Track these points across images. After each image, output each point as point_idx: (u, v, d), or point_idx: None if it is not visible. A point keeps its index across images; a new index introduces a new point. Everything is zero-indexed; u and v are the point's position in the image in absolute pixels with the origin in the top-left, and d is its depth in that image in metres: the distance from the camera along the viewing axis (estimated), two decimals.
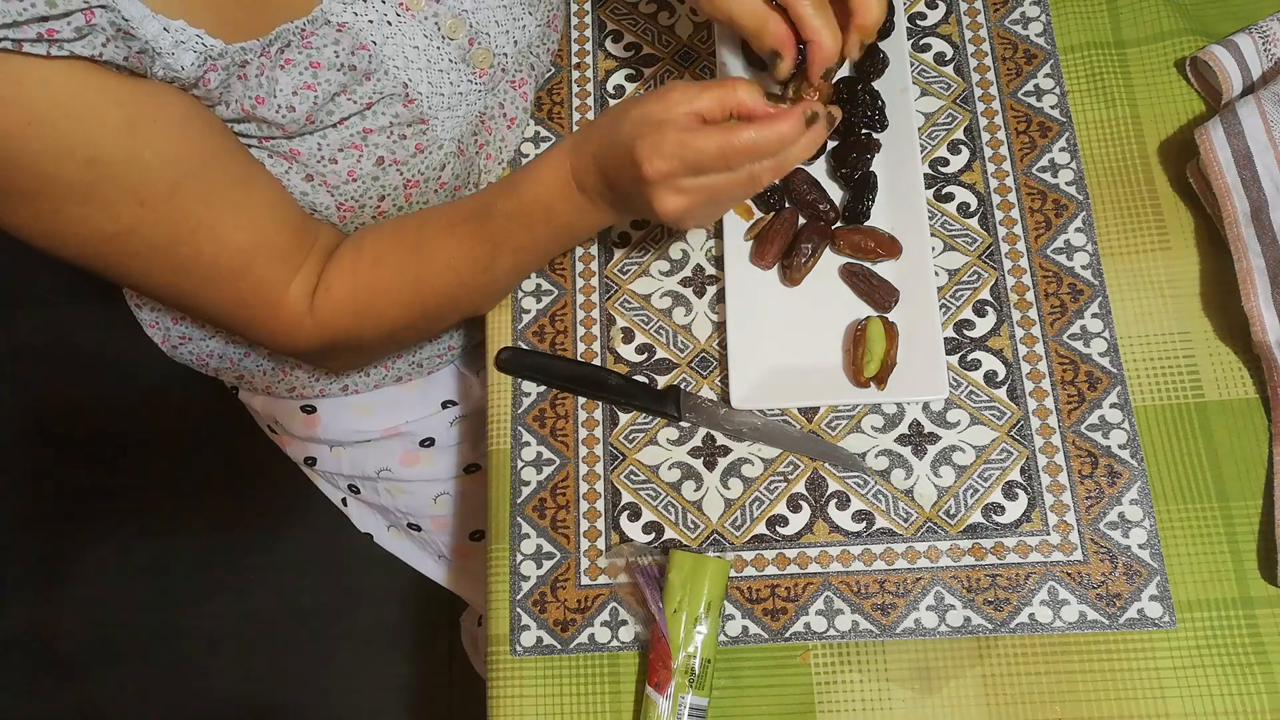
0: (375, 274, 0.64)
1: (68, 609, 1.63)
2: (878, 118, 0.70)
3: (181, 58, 0.52)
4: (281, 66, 0.57)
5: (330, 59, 0.58)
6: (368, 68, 0.60)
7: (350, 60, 0.59)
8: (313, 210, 0.64)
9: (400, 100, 0.63)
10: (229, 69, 0.54)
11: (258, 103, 0.56)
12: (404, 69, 0.62)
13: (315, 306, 0.64)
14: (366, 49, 0.60)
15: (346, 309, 0.64)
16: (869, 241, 0.67)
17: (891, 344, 0.63)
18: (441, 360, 0.91)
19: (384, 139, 0.63)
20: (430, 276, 0.64)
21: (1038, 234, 0.68)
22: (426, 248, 0.64)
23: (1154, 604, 0.59)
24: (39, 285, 1.79)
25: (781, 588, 0.63)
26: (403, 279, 0.64)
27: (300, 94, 0.57)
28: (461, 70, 0.66)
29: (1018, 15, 0.73)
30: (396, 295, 0.65)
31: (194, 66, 0.52)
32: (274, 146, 0.60)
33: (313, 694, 1.54)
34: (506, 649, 0.64)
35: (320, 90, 0.58)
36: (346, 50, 0.59)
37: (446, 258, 0.63)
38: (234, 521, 1.65)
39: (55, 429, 1.74)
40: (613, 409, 0.68)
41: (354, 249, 0.65)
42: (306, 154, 0.61)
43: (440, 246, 0.63)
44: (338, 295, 0.64)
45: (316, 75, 0.58)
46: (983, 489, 0.63)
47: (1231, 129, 0.64)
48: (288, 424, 0.91)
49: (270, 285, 0.62)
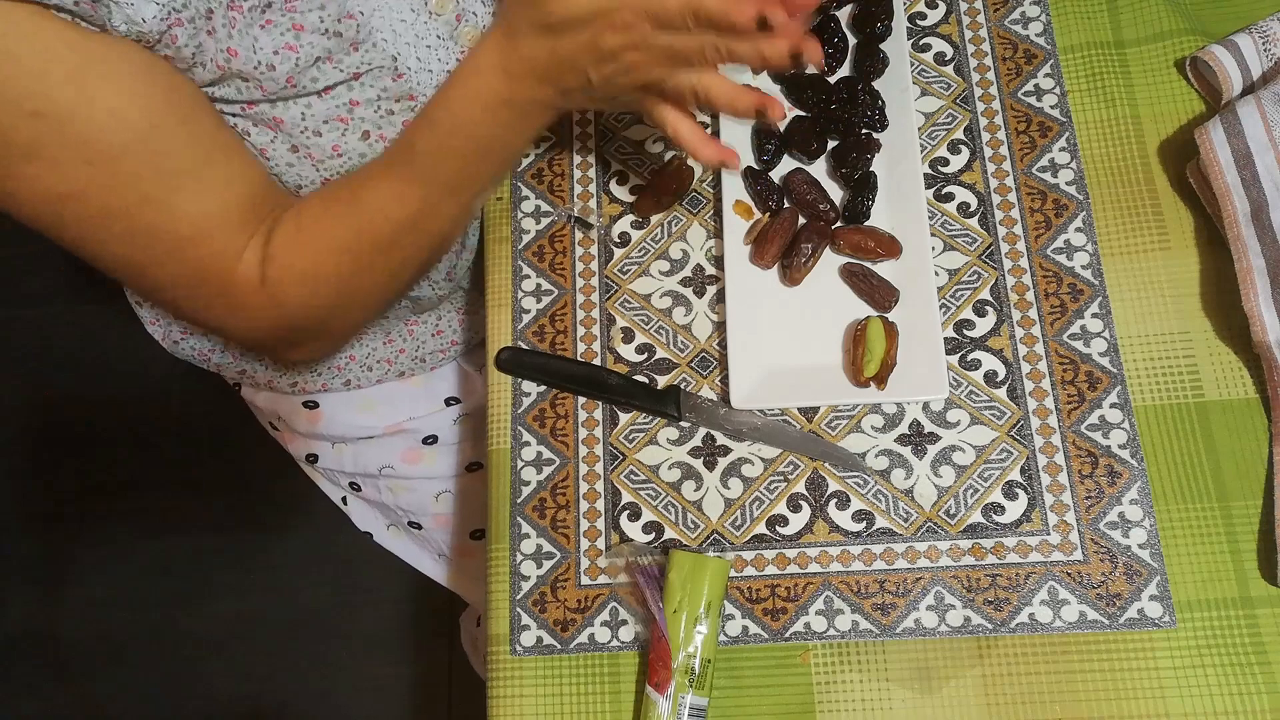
0: (316, 233, 0.61)
1: (68, 609, 1.63)
2: (878, 118, 0.70)
3: (142, 8, 0.50)
4: (261, 26, 0.56)
5: (314, 23, 0.57)
6: (355, 37, 0.59)
7: (336, 27, 0.58)
8: (298, 187, 0.64)
9: (390, 74, 0.62)
10: (195, 20, 0.53)
11: (231, 55, 0.55)
12: (392, 41, 0.62)
13: (266, 278, 0.61)
14: (354, 18, 0.59)
15: (294, 274, 0.61)
16: (869, 241, 0.67)
17: (891, 344, 0.63)
18: (444, 356, 0.91)
19: (370, 113, 0.62)
20: (369, 227, 0.61)
21: (1038, 234, 0.68)
22: (360, 199, 0.61)
23: (1154, 604, 0.59)
24: (38, 284, 1.79)
25: (781, 588, 0.63)
26: (343, 234, 0.61)
27: (282, 54, 0.57)
28: (450, 47, 0.66)
29: (1018, 15, 0.73)
30: (341, 252, 0.62)
31: (156, 20, 0.51)
32: (258, 114, 0.59)
33: (313, 694, 1.54)
34: (506, 649, 0.64)
35: (303, 53, 0.57)
36: (332, 17, 0.58)
37: (380, 205, 0.61)
38: (234, 521, 1.65)
39: (55, 429, 1.74)
40: (613, 409, 0.68)
41: (294, 215, 0.62)
42: (290, 123, 0.60)
43: (372, 196, 0.61)
44: (283, 262, 0.61)
45: (299, 38, 0.57)
46: (983, 489, 0.63)
47: (1231, 129, 0.64)
48: (290, 420, 0.91)
49: (223, 255, 0.59)
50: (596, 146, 0.75)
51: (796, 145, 0.70)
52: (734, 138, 0.71)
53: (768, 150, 0.70)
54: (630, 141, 0.74)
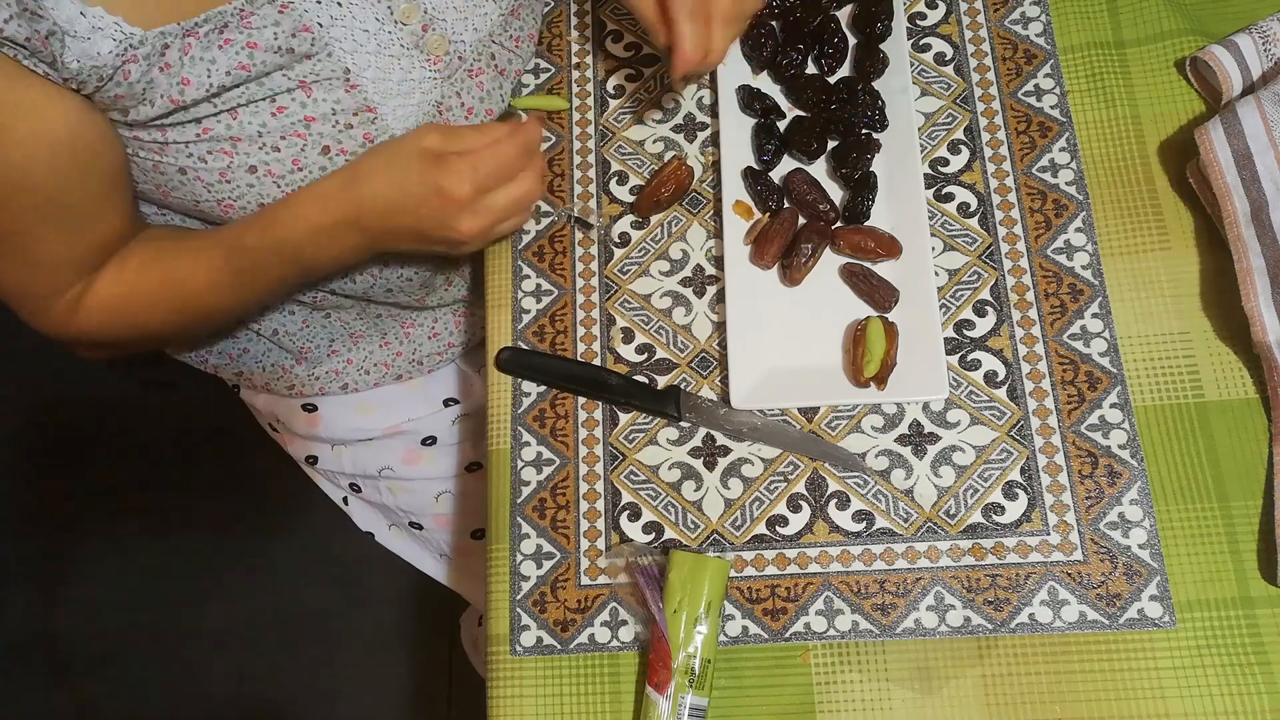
0: (135, 282, 0.66)
1: (68, 609, 1.63)
2: (878, 118, 0.70)
3: (99, 44, 0.51)
4: (220, 46, 0.56)
5: (268, 40, 0.57)
6: (308, 49, 0.59)
7: (290, 43, 0.58)
8: (260, 200, 0.64)
9: (341, 85, 0.62)
10: (149, 58, 0.54)
11: (185, 84, 0.56)
12: (352, 53, 0.61)
13: (80, 305, 0.65)
14: (310, 30, 0.59)
15: (104, 310, 0.66)
16: (869, 241, 0.67)
17: (891, 344, 0.63)
18: (442, 359, 0.91)
19: (328, 128, 0.62)
20: (182, 294, 0.67)
21: (1038, 234, 0.68)
22: (180, 267, 0.66)
23: (1154, 604, 0.59)
24: None
25: (781, 588, 0.63)
26: (158, 292, 0.66)
27: (234, 73, 0.57)
28: (415, 57, 0.65)
29: (1018, 15, 0.73)
30: (151, 306, 0.67)
31: (112, 55, 0.52)
32: (213, 140, 0.60)
33: (313, 694, 1.54)
34: (506, 649, 0.64)
35: (254, 70, 0.58)
36: (286, 32, 0.58)
37: (196, 280, 0.66)
38: (234, 521, 1.65)
39: (55, 430, 1.74)
40: (613, 409, 0.68)
41: (120, 259, 0.66)
42: (247, 140, 0.60)
43: (191, 268, 0.65)
44: (98, 298, 0.65)
45: (252, 56, 0.57)
46: (983, 489, 0.63)
47: (1231, 129, 0.64)
48: (290, 422, 0.91)
49: (55, 285, 0.64)
50: (596, 146, 0.75)
51: (796, 145, 0.70)
52: (734, 138, 0.71)
53: (768, 150, 0.70)
54: (630, 141, 0.74)
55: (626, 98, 0.76)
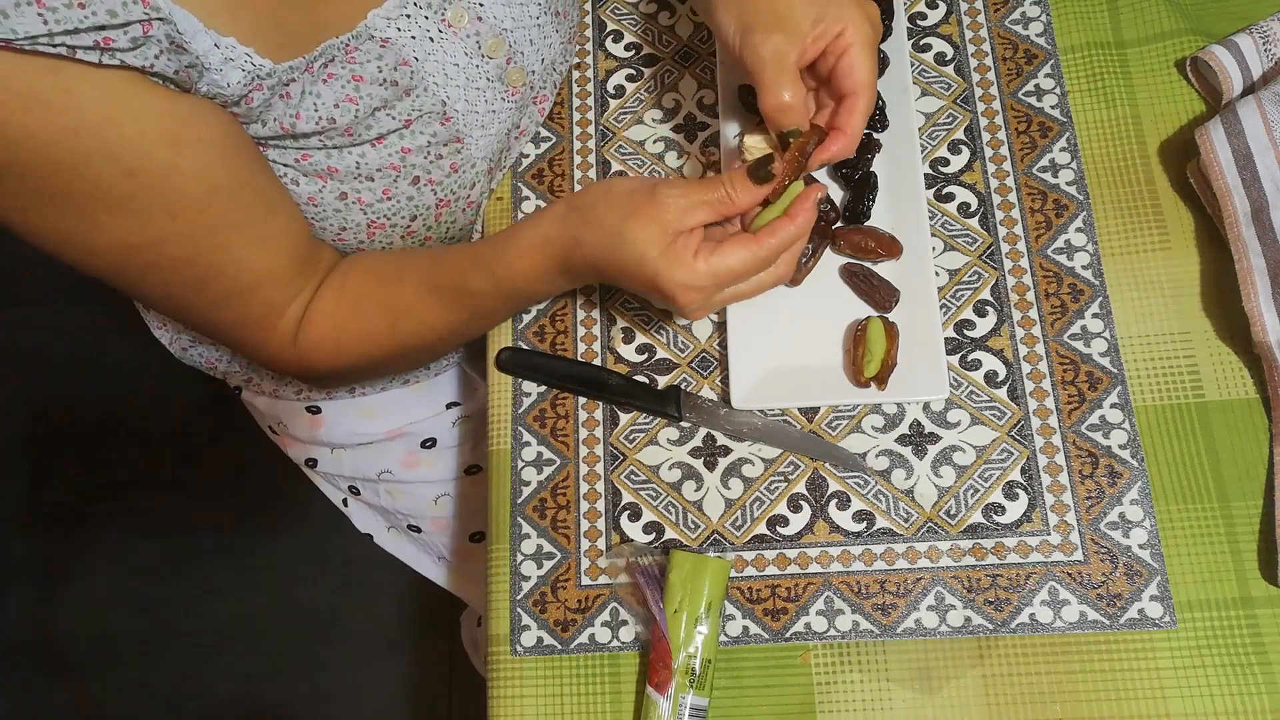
0: (354, 318, 0.66)
1: (68, 609, 1.63)
2: (878, 118, 0.70)
3: (229, 75, 0.51)
4: (324, 80, 0.57)
5: (373, 74, 0.58)
6: (410, 83, 0.60)
7: (393, 75, 0.59)
8: (342, 228, 0.65)
9: (438, 118, 0.63)
10: (274, 88, 0.54)
11: (297, 119, 0.57)
12: (443, 86, 0.62)
13: (299, 338, 0.65)
14: (409, 64, 0.60)
15: (327, 346, 0.66)
16: (869, 241, 0.67)
17: (892, 344, 0.63)
18: (446, 362, 0.91)
19: (421, 159, 0.64)
20: (406, 328, 0.66)
21: (1038, 234, 0.68)
22: (404, 305, 0.65)
23: (1154, 604, 0.59)
24: (38, 284, 1.79)
25: (782, 588, 0.63)
26: (379, 327, 0.66)
27: (341, 106, 0.58)
28: (496, 88, 0.66)
29: (1018, 15, 0.73)
30: (373, 339, 0.67)
31: (239, 85, 0.52)
32: (311, 165, 0.60)
33: (313, 694, 1.54)
34: (507, 649, 0.64)
35: (362, 104, 0.58)
36: (390, 65, 0.59)
37: (421, 317, 0.65)
38: (234, 521, 1.65)
39: (55, 429, 1.74)
40: (613, 409, 0.68)
41: (337, 290, 0.66)
42: (344, 171, 0.61)
43: (415, 306, 0.65)
44: (319, 331, 0.65)
45: (359, 89, 0.58)
46: (983, 489, 0.63)
47: (1232, 129, 0.64)
48: (291, 425, 0.91)
49: (272, 307, 0.63)
50: (597, 147, 0.75)
51: None
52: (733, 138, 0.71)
53: None
54: (630, 141, 0.74)
55: (626, 98, 0.76)
